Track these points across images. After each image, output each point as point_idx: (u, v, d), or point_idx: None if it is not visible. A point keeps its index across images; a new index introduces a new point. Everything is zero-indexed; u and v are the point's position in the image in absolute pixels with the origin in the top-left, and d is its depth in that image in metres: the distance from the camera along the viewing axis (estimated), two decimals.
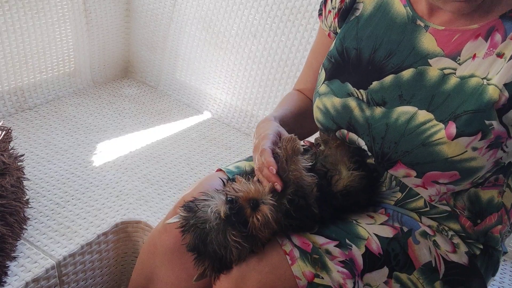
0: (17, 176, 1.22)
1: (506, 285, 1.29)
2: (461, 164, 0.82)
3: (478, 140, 0.80)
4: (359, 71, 0.94)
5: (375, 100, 0.91)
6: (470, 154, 0.81)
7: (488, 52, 0.81)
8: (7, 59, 1.56)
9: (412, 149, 0.85)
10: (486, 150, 0.81)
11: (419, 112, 0.85)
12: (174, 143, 1.61)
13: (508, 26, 0.80)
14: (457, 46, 0.84)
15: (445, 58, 0.84)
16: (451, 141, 0.81)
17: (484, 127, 0.80)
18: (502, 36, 0.80)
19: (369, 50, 0.93)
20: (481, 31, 0.82)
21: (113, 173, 1.41)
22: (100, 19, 1.83)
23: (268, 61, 1.62)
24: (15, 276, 1.04)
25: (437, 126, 0.83)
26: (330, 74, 0.98)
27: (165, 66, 1.91)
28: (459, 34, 0.84)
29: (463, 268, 0.91)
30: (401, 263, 0.88)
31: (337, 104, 0.95)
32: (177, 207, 0.92)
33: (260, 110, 1.69)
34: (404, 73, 0.88)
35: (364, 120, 0.92)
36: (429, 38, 0.87)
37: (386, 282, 0.86)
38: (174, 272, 0.95)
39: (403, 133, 0.86)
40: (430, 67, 0.85)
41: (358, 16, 0.97)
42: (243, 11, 1.64)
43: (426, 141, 0.84)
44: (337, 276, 0.81)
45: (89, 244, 1.17)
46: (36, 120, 1.61)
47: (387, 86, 0.90)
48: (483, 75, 0.81)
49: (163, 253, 0.95)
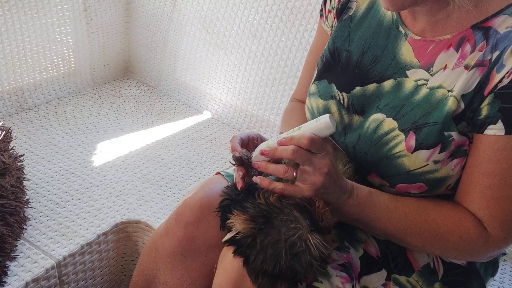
0: (17, 176, 1.22)
1: (506, 285, 1.29)
2: (424, 176, 0.82)
3: (438, 153, 0.80)
4: (347, 74, 0.93)
5: (355, 107, 0.90)
6: (431, 166, 0.81)
7: (457, 63, 0.80)
8: (7, 59, 1.56)
9: (378, 161, 0.85)
10: (449, 160, 0.81)
11: (386, 119, 0.85)
12: (174, 143, 1.61)
13: (478, 37, 0.79)
14: (431, 57, 0.83)
15: (420, 70, 0.84)
16: (411, 153, 0.81)
17: (444, 138, 0.79)
18: (471, 47, 0.79)
19: (358, 53, 0.92)
20: (453, 42, 0.81)
21: (113, 173, 1.41)
22: (100, 19, 1.83)
23: (268, 61, 1.62)
24: (15, 276, 1.04)
25: (398, 137, 0.83)
26: (320, 74, 0.98)
27: (165, 66, 1.91)
28: (433, 45, 0.83)
29: (462, 269, 0.91)
30: (400, 265, 0.88)
31: (320, 106, 0.95)
32: (178, 210, 0.92)
33: (260, 110, 1.69)
34: (385, 84, 0.87)
35: (342, 127, 0.92)
36: (407, 48, 0.86)
37: (384, 285, 0.86)
38: (176, 276, 0.94)
39: (370, 142, 0.86)
40: (407, 79, 0.85)
41: (350, 16, 0.96)
42: (243, 11, 1.64)
43: (388, 153, 0.83)
44: (335, 280, 0.81)
45: (89, 244, 1.17)
46: (36, 120, 1.61)
47: (368, 94, 0.89)
48: (450, 87, 0.80)
49: (165, 256, 0.94)
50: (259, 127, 1.71)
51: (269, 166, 0.78)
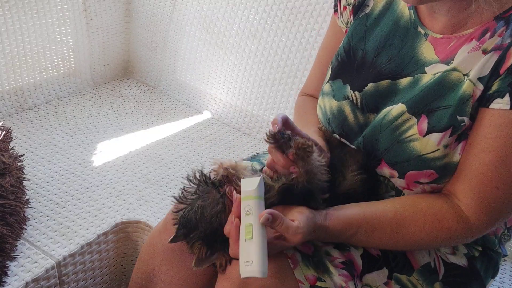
0: (17, 176, 1.22)
1: (506, 285, 1.29)
2: (435, 162, 0.81)
3: (448, 137, 0.79)
4: (362, 74, 0.93)
5: (369, 106, 0.90)
6: (442, 152, 0.80)
7: (474, 47, 0.79)
8: (7, 59, 1.56)
9: (390, 146, 0.85)
10: (456, 144, 0.80)
11: (395, 106, 0.85)
12: (174, 143, 1.61)
13: (499, 25, 0.79)
14: (452, 51, 0.83)
15: (439, 64, 0.84)
16: (423, 137, 0.81)
17: (456, 122, 0.79)
18: (491, 33, 0.79)
19: (373, 52, 0.92)
20: (475, 34, 0.81)
21: (113, 173, 1.41)
22: (100, 19, 1.83)
23: (268, 61, 1.62)
24: (15, 276, 1.04)
25: (410, 121, 0.82)
26: (335, 73, 0.98)
27: (165, 66, 1.91)
28: (455, 40, 0.83)
29: (462, 270, 0.91)
30: (400, 264, 0.88)
31: (334, 107, 0.95)
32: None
33: (260, 110, 1.69)
34: (401, 81, 0.87)
35: (358, 128, 0.91)
36: (428, 46, 0.86)
37: (386, 283, 0.86)
38: (174, 272, 0.95)
39: (380, 128, 0.86)
40: (425, 74, 0.85)
41: (367, 14, 0.95)
42: (243, 11, 1.64)
43: (400, 137, 0.83)
44: (338, 279, 0.81)
45: (89, 244, 1.17)
46: (36, 120, 1.61)
47: (382, 90, 0.89)
48: (465, 71, 0.79)
49: (163, 252, 0.95)
50: (259, 127, 1.71)
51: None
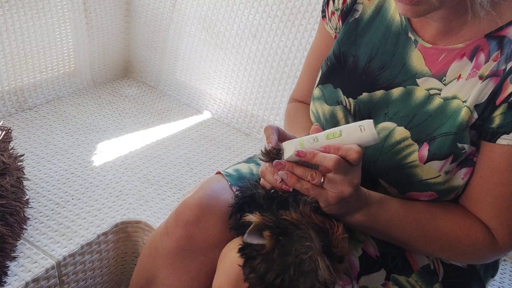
0: (17, 176, 1.22)
1: (506, 285, 1.29)
2: (436, 186, 0.82)
3: (449, 164, 0.80)
4: (353, 79, 0.92)
5: (362, 114, 0.90)
6: (443, 177, 0.81)
7: (471, 73, 0.79)
8: (7, 59, 1.56)
9: (389, 170, 0.85)
10: (458, 169, 0.81)
11: (397, 128, 0.84)
12: (174, 143, 1.61)
13: (492, 46, 0.77)
14: (443, 66, 0.82)
15: (431, 79, 0.83)
16: (423, 164, 0.81)
17: (457, 150, 0.79)
18: (486, 56, 0.78)
19: (365, 58, 0.91)
20: (466, 51, 0.80)
21: (113, 173, 1.41)
22: (100, 19, 1.83)
23: (268, 61, 1.62)
24: (15, 276, 1.04)
25: (411, 147, 0.82)
26: (324, 78, 0.97)
27: (165, 66, 1.91)
28: (445, 54, 0.82)
29: (462, 271, 0.91)
30: (399, 265, 0.88)
31: (326, 112, 0.94)
32: (178, 210, 0.92)
33: (260, 110, 1.69)
34: (394, 91, 0.86)
35: None
36: (417, 55, 0.85)
37: (384, 285, 0.86)
38: (176, 276, 0.94)
39: (381, 151, 0.85)
40: (417, 87, 0.84)
41: (357, 19, 0.94)
42: (243, 11, 1.64)
43: (400, 163, 0.83)
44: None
45: (89, 244, 1.17)
46: (36, 120, 1.61)
47: (375, 101, 0.88)
48: (464, 98, 0.79)
49: (164, 256, 0.94)
50: (259, 127, 1.71)
51: (296, 169, 0.75)
